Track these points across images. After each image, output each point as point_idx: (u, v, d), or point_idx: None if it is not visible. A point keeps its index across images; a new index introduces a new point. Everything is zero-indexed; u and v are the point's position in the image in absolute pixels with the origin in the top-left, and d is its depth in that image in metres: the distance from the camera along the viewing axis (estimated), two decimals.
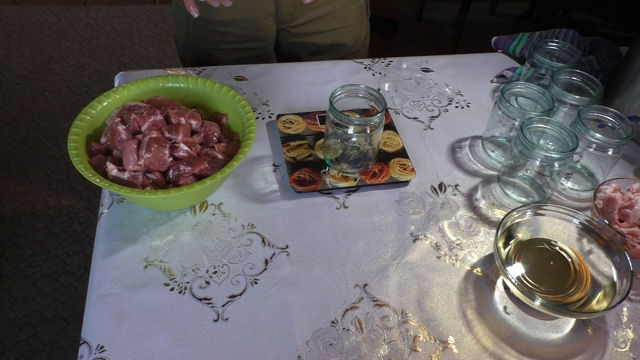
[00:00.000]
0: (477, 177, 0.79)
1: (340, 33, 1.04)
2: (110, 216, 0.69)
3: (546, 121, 0.72)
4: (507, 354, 0.59)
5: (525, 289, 0.60)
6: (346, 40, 0.98)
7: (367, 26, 1.10)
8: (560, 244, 0.68)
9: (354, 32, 1.05)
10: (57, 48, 2.38)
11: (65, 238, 1.64)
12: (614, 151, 0.72)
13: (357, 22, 1.05)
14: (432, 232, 0.71)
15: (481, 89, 0.95)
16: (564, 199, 0.77)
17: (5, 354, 1.37)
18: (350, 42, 1.05)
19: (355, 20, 1.04)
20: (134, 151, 0.65)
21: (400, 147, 0.80)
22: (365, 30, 1.09)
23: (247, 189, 0.74)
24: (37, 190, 1.77)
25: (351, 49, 1.07)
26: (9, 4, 2.61)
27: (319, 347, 0.58)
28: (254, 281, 0.64)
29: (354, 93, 0.74)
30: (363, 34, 1.09)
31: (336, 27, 1.02)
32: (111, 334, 0.58)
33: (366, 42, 1.12)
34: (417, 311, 0.62)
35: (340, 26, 1.03)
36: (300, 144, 0.79)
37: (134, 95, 0.74)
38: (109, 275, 0.63)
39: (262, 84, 0.91)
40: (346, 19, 1.03)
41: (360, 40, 1.08)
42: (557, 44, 0.88)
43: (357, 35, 1.07)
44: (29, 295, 1.49)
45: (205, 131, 0.71)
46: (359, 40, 1.08)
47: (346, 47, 1.05)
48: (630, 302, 0.65)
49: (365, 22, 1.08)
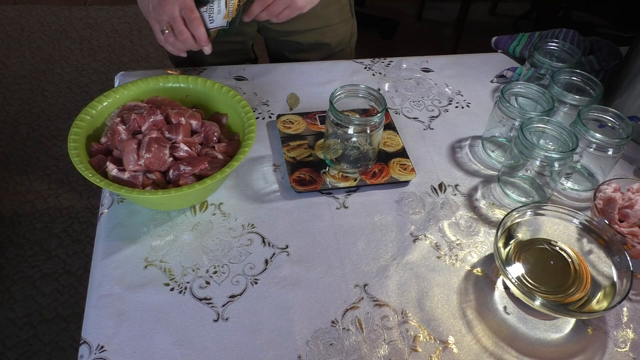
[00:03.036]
0: (477, 177, 0.79)
1: (322, 32, 1.02)
2: (111, 216, 0.69)
3: (546, 121, 0.72)
4: (507, 354, 0.59)
5: (525, 289, 0.60)
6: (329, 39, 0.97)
7: (353, 26, 1.09)
8: (560, 244, 0.68)
9: (338, 31, 1.04)
10: (57, 48, 2.38)
11: (65, 238, 1.64)
12: (614, 151, 0.72)
13: (340, 21, 1.04)
14: (432, 232, 0.71)
15: (481, 89, 0.95)
16: (564, 199, 0.77)
17: (5, 354, 1.37)
18: (334, 41, 1.04)
19: (338, 19, 1.03)
20: (134, 151, 0.65)
21: (400, 147, 0.80)
22: (350, 30, 1.08)
23: (247, 189, 0.74)
24: (37, 190, 1.77)
25: (335, 48, 1.06)
26: (9, 4, 2.61)
27: (319, 347, 0.58)
28: (254, 281, 0.64)
29: (354, 93, 0.74)
30: (348, 33, 1.08)
31: (318, 26, 1.01)
32: (111, 334, 0.58)
33: (352, 41, 1.11)
34: (417, 311, 0.62)
35: (322, 25, 1.01)
36: (300, 144, 0.79)
37: (134, 95, 0.74)
38: (109, 275, 0.63)
39: (262, 84, 0.91)
40: (328, 18, 1.02)
41: (345, 39, 1.08)
42: (557, 44, 0.88)
43: (342, 34, 1.06)
44: (29, 295, 1.49)
45: (205, 131, 0.71)
46: (344, 39, 1.07)
47: (330, 46, 1.04)
48: (630, 302, 0.65)
49: (351, 22, 1.07)
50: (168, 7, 0.72)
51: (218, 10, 0.72)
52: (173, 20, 0.72)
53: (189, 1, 0.72)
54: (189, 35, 0.73)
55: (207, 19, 0.74)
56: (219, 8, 0.72)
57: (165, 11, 0.72)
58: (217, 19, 0.73)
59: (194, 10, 0.72)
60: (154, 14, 0.74)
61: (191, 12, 0.72)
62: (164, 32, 0.74)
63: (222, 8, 0.72)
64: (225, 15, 0.73)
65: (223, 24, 0.74)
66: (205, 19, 0.74)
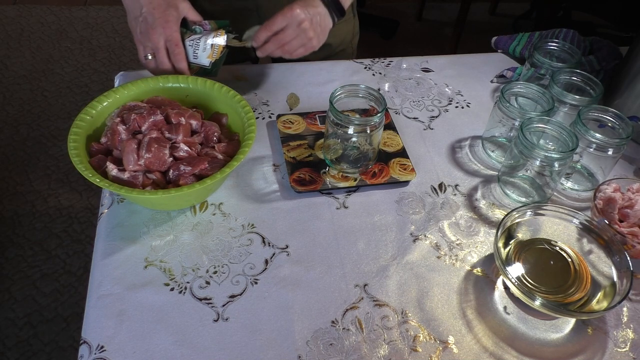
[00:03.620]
0: (477, 177, 0.79)
1: None
2: (110, 216, 0.69)
3: (546, 121, 0.72)
4: (507, 354, 0.59)
5: (525, 289, 0.60)
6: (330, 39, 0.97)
7: (355, 26, 1.09)
8: (560, 244, 0.68)
9: (339, 31, 1.04)
10: (57, 48, 2.38)
11: (65, 238, 1.64)
12: (614, 151, 0.72)
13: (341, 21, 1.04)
14: (432, 232, 0.71)
15: (481, 89, 0.95)
16: (564, 199, 0.77)
17: (5, 354, 1.37)
18: (335, 41, 1.04)
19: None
20: (134, 151, 0.65)
21: (400, 147, 0.80)
22: (352, 30, 1.08)
23: (247, 189, 0.74)
24: (37, 190, 1.77)
25: (336, 48, 1.06)
26: (9, 4, 2.61)
27: (319, 347, 0.58)
28: (254, 281, 0.64)
29: (354, 93, 0.74)
30: (350, 33, 1.08)
31: None
32: (111, 334, 0.58)
33: (353, 42, 1.11)
34: (417, 311, 0.62)
35: None
36: (300, 144, 0.79)
37: (134, 95, 0.74)
38: (109, 275, 0.63)
39: (262, 84, 0.91)
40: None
41: (346, 39, 1.07)
42: (557, 44, 0.88)
43: (343, 34, 1.06)
44: (29, 295, 1.49)
45: (205, 131, 0.71)
46: (345, 39, 1.07)
47: (331, 46, 1.04)
48: (630, 302, 0.65)
49: (352, 22, 1.07)
50: (155, 37, 0.72)
51: (203, 48, 0.74)
52: (157, 50, 0.73)
53: (175, 34, 0.73)
54: (170, 67, 0.74)
55: (191, 53, 0.75)
56: (204, 46, 0.74)
57: (151, 39, 0.73)
58: (201, 57, 0.74)
59: (178, 44, 0.73)
60: (140, 37, 0.74)
61: (176, 46, 0.73)
62: (146, 57, 0.75)
63: (208, 48, 0.74)
64: (209, 55, 0.74)
65: (205, 63, 0.75)
66: (189, 52, 0.75)
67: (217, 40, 0.74)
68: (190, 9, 0.77)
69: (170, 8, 0.73)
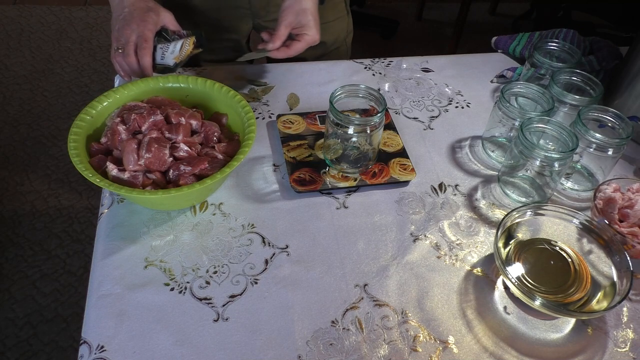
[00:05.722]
0: (477, 177, 0.79)
1: None
2: (110, 216, 0.69)
3: (546, 121, 0.72)
4: (507, 354, 0.59)
5: (525, 289, 0.60)
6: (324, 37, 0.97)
7: (349, 24, 1.09)
8: (560, 244, 0.68)
9: (332, 29, 1.04)
10: (57, 48, 2.38)
11: (65, 238, 1.64)
12: (614, 151, 0.72)
13: (335, 19, 1.04)
14: (432, 232, 0.71)
15: (481, 89, 0.95)
16: (564, 199, 0.77)
17: (5, 354, 1.37)
18: (329, 39, 1.04)
19: (332, 17, 1.03)
20: (134, 151, 0.65)
21: (400, 147, 0.80)
22: (346, 28, 1.08)
23: (247, 189, 0.74)
24: (37, 190, 1.77)
25: (330, 46, 1.06)
26: (9, 4, 2.61)
27: (319, 347, 0.58)
28: (254, 281, 0.64)
29: (354, 93, 0.74)
30: (344, 31, 1.08)
31: None
32: (111, 334, 0.58)
33: (347, 39, 1.11)
34: (417, 311, 0.62)
35: None
36: (300, 144, 0.79)
37: (134, 95, 0.74)
38: (109, 275, 0.63)
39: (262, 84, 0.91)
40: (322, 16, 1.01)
41: (340, 37, 1.08)
42: (557, 44, 0.88)
43: (337, 32, 1.06)
44: (29, 295, 1.49)
45: (205, 131, 0.71)
46: (339, 37, 1.07)
47: (325, 44, 1.04)
48: (630, 302, 0.65)
49: (346, 20, 1.07)
50: (128, 32, 0.75)
51: (172, 51, 0.78)
52: (126, 44, 0.75)
53: (148, 32, 0.75)
54: (134, 60, 0.76)
55: (159, 55, 0.78)
56: (173, 49, 0.78)
57: (125, 34, 0.75)
58: (168, 58, 0.78)
59: (148, 41, 0.75)
60: (116, 33, 0.77)
61: (144, 42, 0.75)
62: (116, 50, 0.77)
63: (177, 50, 0.78)
64: (176, 57, 0.78)
65: (170, 63, 0.78)
66: (158, 54, 0.78)
67: (186, 46, 0.79)
68: (172, 20, 0.80)
69: (151, 12, 0.77)
